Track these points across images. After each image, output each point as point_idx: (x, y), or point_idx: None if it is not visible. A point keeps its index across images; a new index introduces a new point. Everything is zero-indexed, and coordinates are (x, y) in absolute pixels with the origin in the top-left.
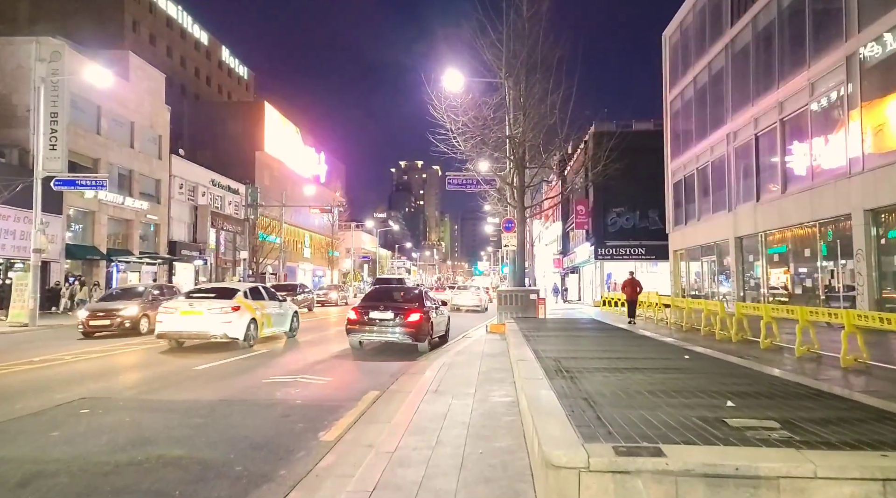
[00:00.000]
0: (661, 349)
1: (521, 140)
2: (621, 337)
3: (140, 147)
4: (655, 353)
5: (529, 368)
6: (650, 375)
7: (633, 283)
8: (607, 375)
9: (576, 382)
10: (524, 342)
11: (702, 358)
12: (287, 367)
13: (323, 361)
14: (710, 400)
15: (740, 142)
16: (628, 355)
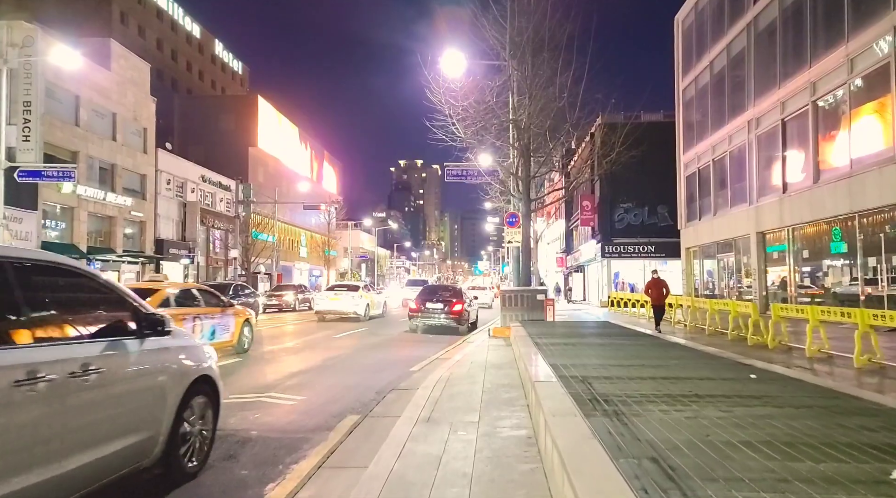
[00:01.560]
0: (711, 363)
1: (526, 125)
2: (652, 346)
3: (123, 140)
4: (708, 369)
5: (553, 394)
6: (725, 408)
7: (660, 284)
8: (665, 408)
9: (625, 422)
10: (536, 352)
11: (774, 378)
12: (255, 381)
13: (300, 373)
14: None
15: (764, 129)
16: (676, 373)
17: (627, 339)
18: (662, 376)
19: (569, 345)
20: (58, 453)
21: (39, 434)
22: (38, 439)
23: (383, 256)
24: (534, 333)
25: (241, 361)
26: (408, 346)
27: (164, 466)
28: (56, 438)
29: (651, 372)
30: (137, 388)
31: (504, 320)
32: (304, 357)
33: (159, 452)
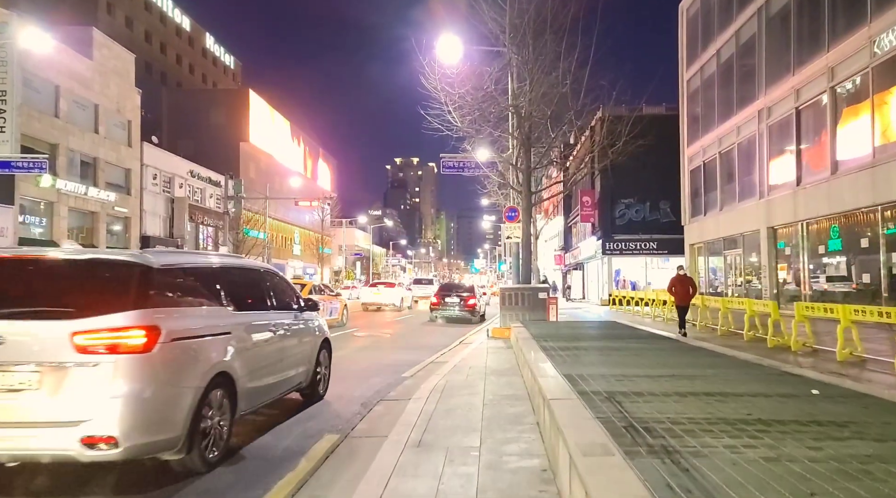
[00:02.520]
0: (752, 373)
1: (527, 113)
2: (674, 350)
3: (106, 133)
4: (753, 380)
5: (576, 420)
6: (811, 442)
7: (686, 282)
8: (730, 443)
9: (685, 468)
10: (544, 358)
11: (842, 395)
12: None
13: None
14: None
15: (776, 118)
16: (719, 387)
17: (644, 342)
18: (704, 392)
19: (580, 349)
20: (282, 368)
21: (277, 356)
22: (276, 359)
23: (379, 254)
24: (537, 334)
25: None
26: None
27: (310, 389)
28: (281, 360)
29: (687, 385)
30: (303, 340)
31: (504, 320)
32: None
33: (308, 381)
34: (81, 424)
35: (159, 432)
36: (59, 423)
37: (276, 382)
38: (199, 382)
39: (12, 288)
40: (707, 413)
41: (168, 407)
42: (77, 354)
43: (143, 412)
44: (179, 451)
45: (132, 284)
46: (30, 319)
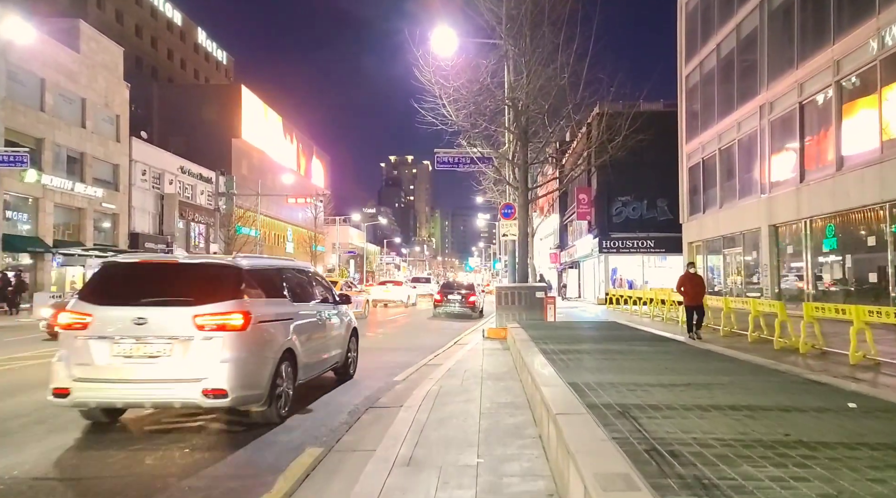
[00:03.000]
0: (774, 380)
1: (524, 106)
2: (682, 354)
3: (93, 127)
4: (778, 391)
5: (589, 442)
6: (875, 473)
7: (697, 280)
8: (777, 473)
9: None
10: (544, 362)
11: (881, 409)
12: None
13: None
14: None
15: (779, 113)
16: (743, 399)
17: (649, 344)
18: (728, 405)
19: (582, 352)
20: (325, 349)
21: (322, 339)
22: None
23: (373, 252)
24: (536, 336)
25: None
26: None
27: (343, 369)
28: (325, 343)
29: (706, 396)
30: (339, 328)
31: (500, 320)
32: None
33: (342, 362)
34: (202, 381)
35: (252, 389)
36: (187, 380)
37: (322, 360)
38: (275, 354)
39: (150, 284)
40: (738, 433)
41: (257, 370)
42: (197, 331)
43: (243, 373)
44: (263, 404)
45: (230, 281)
46: (164, 306)
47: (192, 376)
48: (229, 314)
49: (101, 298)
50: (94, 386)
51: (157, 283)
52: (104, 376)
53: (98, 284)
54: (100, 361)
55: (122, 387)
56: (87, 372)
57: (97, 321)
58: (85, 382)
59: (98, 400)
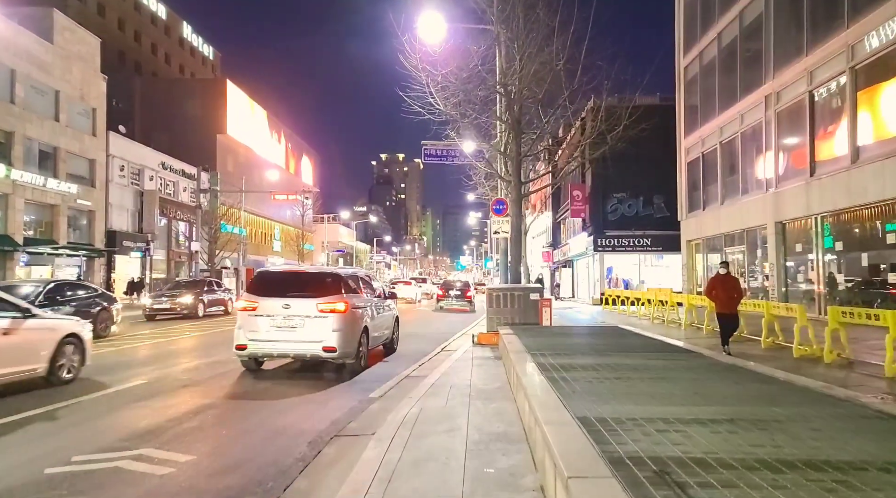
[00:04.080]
0: (842, 415)
1: (517, 93)
2: (713, 373)
3: (68, 121)
4: (863, 435)
5: None
6: None
7: (730, 284)
8: None
9: None
10: (546, 385)
11: None
12: (124, 427)
13: (196, 412)
14: None
15: (786, 103)
16: (820, 451)
17: (663, 357)
18: (803, 460)
19: (587, 368)
20: (382, 328)
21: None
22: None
23: (363, 250)
24: (531, 345)
25: None
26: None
27: (390, 345)
28: (381, 324)
29: (767, 442)
30: (389, 315)
31: (491, 324)
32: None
33: (389, 340)
34: (321, 342)
35: (349, 348)
36: (313, 341)
37: (381, 336)
38: (359, 328)
39: (290, 284)
40: None
41: (352, 338)
42: (319, 313)
43: (344, 339)
44: (353, 359)
45: (336, 283)
46: (300, 297)
47: (316, 339)
48: (336, 303)
49: (261, 292)
50: (260, 344)
51: (294, 284)
52: (265, 338)
53: (258, 284)
54: (262, 329)
55: (275, 344)
56: (255, 335)
57: (261, 306)
58: (254, 342)
59: (262, 352)
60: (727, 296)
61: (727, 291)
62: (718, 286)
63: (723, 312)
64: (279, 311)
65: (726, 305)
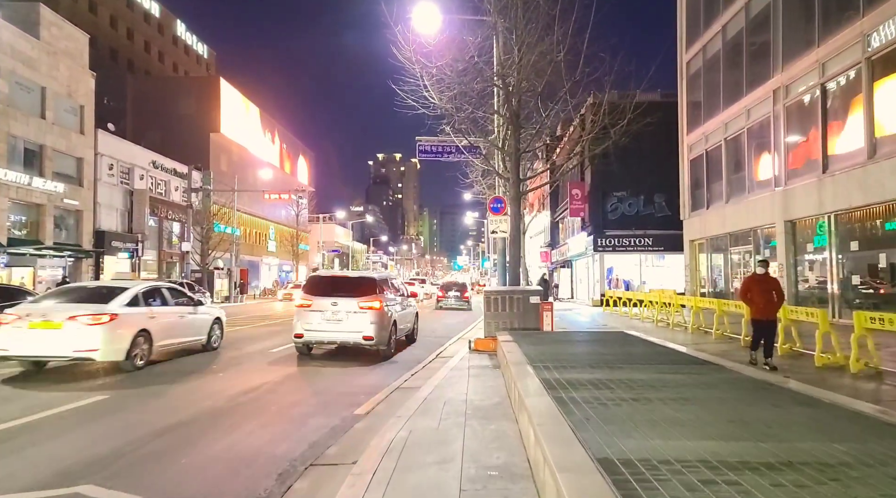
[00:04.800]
0: None
1: (516, 85)
2: (745, 392)
3: (54, 118)
4: None
5: None
6: None
7: (767, 285)
8: None
9: None
10: (554, 410)
11: None
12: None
13: (160, 432)
14: None
15: (796, 97)
16: None
17: (683, 370)
18: None
19: (599, 385)
20: (406, 321)
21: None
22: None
23: (359, 250)
24: (533, 355)
25: None
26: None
27: (411, 337)
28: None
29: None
30: (411, 311)
31: (488, 329)
32: None
33: (411, 331)
34: (361, 332)
35: (382, 337)
36: (354, 331)
37: (405, 327)
38: (391, 322)
39: (337, 286)
40: None
41: (385, 329)
42: (360, 309)
43: (379, 330)
44: (386, 346)
45: (373, 285)
46: (345, 297)
47: (357, 330)
48: (373, 301)
49: (314, 291)
50: (313, 333)
51: (339, 285)
52: (317, 328)
53: (311, 285)
54: (315, 322)
55: (325, 333)
56: (309, 326)
57: (314, 303)
58: (308, 331)
59: (315, 339)
60: (765, 299)
61: (765, 294)
62: (755, 288)
63: (760, 318)
64: (328, 307)
65: (764, 310)
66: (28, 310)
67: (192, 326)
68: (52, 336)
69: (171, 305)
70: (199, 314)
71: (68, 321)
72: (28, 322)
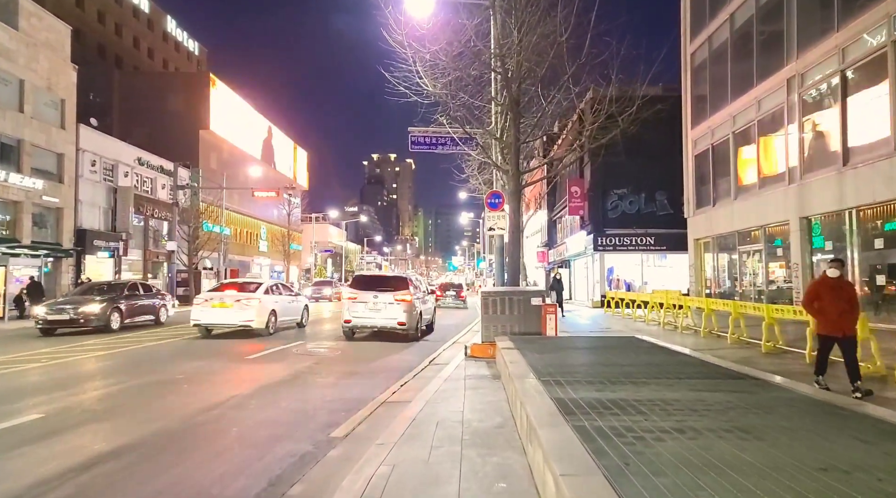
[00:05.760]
0: None
1: (516, 70)
2: (815, 420)
3: (33, 112)
4: None
5: None
6: None
7: (840, 292)
8: None
9: None
10: (582, 450)
11: None
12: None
13: (89, 465)
14: None
15: (814, 85)
16: None
17: (724, 388)
18: None
19: (628, 409)
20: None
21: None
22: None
23: (353, 250)
24: (541, 366)
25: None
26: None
27: (430, 328)
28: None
29: None
30: (429, 305)
31: (486, 333)
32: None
33: (430, 323)
34: (396, 319)
35: (412, 324)
36: (391, 319)
37: (428, 318)
38: (418, 312)
39: (377, 282)
40: None
41: (414, 317)
42: (395, 301)
43: (410, 318)
44: (414, 331)
45: (405, 282)
46: (383, 291)
47: (392, 317)
48: (406, 295)
49: (359, 287)
50: (358, 318)
51: (379, 282)
52: (361, 316)
53: (357, 282)
54: (360, 311)
55: (368, 319)
56: (355, 314)
57: (359, 296)
58: (355, 318)
59: (360, 324)
60: (838, 310)
61: (838, 304)
62: (826, 295)
63: (832, 333)
64: (370, 299)
65: (839, 323)
66: (208, 297)
67: (295, 310)
68: (226, 312)
69: (283, 294)
70: (298, 301)
71: (236, 303)
72: (211, 304)
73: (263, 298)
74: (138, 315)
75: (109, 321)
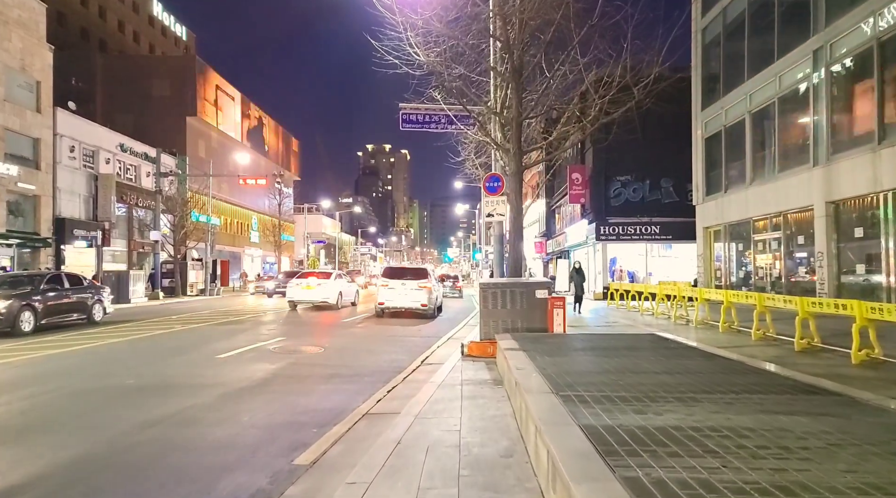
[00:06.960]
0: None
1: (518, 34)
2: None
3: (6, 94)
4: None
5: None
6: None
7: None
8: None
9: None
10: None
11: None
12: None
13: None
14: None
15: (843, 57)
16: None
17: (796, 406)
18: None
19: (695, 443)
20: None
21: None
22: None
23: (347, 242)
24: (555, 375)
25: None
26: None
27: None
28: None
29: None
30: (438, 294)
31: (485, 329)
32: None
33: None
34: (419, 302)
35: (432, 306)
36: (415, 301)
37: (441, 302)
38: (437, 297)
39: (404, 272)
40: None
41: (434, 301)
42: (419, 288)
43: (430, 301)
44: (433, 311)
45: (426, 273)
46: (409, 279)
47: (417, 300)
48: (428, 282)
49: (389, 276)
50: (390, 302)
51: (406, 272)
52: (392, 299)
53: (388, 272)
54: (390, 295)
55: (396, 302)
56: (386, 298)
57: (390, 283)
58: (387, 300)
59: (391, 306)
60: None
61: None
62: None
63: None
64: (399, 286)
65: None
66: (298, 282)
67: (353, 292)
68: (311, 292)
69: (344, 279)
70: (353, 285)
71: (317, 285)
72: (300, 286)
73: (335, 283)
74: (62, 314)
75: (17, 322)
